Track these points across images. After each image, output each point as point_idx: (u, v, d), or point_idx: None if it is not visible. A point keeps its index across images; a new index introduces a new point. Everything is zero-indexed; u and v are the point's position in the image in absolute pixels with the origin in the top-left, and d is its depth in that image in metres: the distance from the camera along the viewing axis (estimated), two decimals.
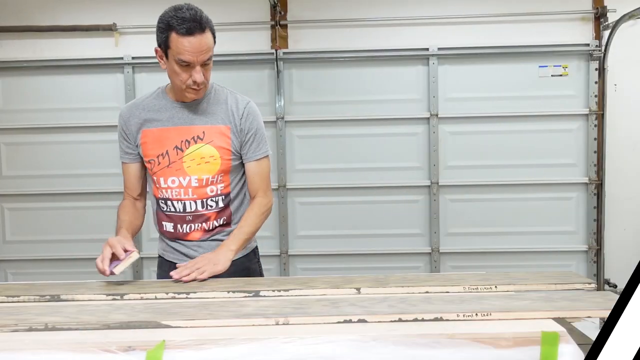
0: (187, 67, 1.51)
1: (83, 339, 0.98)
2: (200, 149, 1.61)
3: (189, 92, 1.57)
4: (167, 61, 1.54)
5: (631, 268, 0.99)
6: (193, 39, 1.47)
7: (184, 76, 1.53)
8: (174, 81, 1.58)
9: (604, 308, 1.11)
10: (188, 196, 1.63)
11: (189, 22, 1.45)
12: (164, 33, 1.49)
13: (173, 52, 1.49)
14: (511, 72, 3.81)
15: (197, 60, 1.50)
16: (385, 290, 1.31)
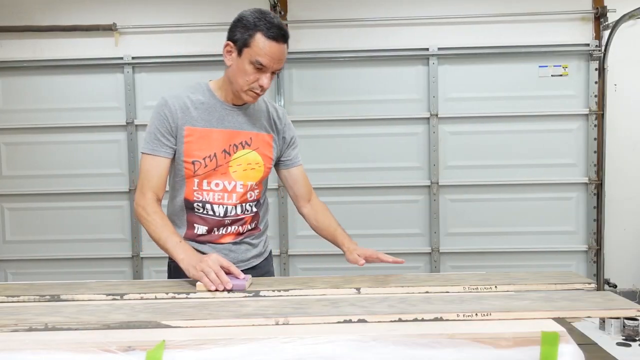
0: (259, 70, 1.49)
1: (83, 339, 0.98)
2: (247, 155, 1.61)
3: (248, 95, 1.53)
4: (239, 58, 1.49)
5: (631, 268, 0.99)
6: (277, 45, 1.49)
7: (252, 78, 1.49)
8: (237, 80, 1.51)
9: (603, 308, 1.11)
10: (231, 201, 1.61)
11: (277, 29, 1.48)
12: (247, 31, 1.47)
13: (252, 51, 1.47)
14: (511, 72, 3.81)
15: (272, 66, 1.49)
16: (385, 290, 1.31)
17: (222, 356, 0.95)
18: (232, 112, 1.59)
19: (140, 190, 1.57)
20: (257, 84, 1.50)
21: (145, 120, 3.90)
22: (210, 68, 3.86)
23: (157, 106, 1.56)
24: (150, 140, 1.56)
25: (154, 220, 1.52)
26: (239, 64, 1.50)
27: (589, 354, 1.15)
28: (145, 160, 1.57)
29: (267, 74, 1.50)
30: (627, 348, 3.08)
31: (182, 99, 1.56)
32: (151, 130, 1.56)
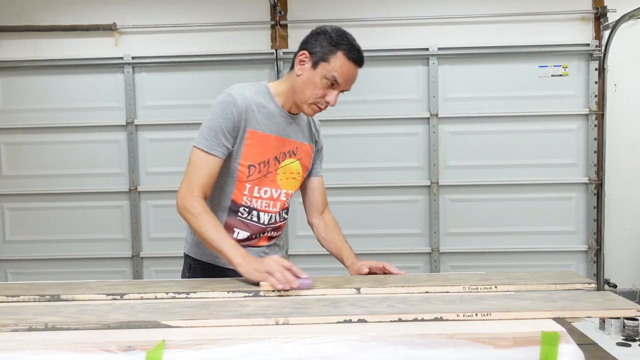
0: (330, 87, 1.49)
1: (83, 339, 0.98)
2: (292, 164, 1.62)
3: (311, 108, 1.53)
4: (312, 70, 1.49)
5: (631, 268, 0.99)
6: (354, 68, 1.49)
7: (321, 92, 1.49)
8: (304, 91, 1.50)
9: (603, 308, 1.11)
10: (276, 209, 1.62)
11: (358, 52, 1.48)
12: (329, 45, 1.46)
13: (329, 67, 1.46)
14: (511, 72, 3.81)
15: (344, 86, 1.50)
16: (385, 290, 1.30)
17: (222, 356, 0.95)
18: (287, 120, 1.59)
19: (188, 186, 1.47)
20: (323, 99, 1.50)
21: (146, 120, 3.90)
22: (210, 68, 3.87)
23: (224, 102, 1.49)
24: (210, 136, 1.48)
25: (205, 219, 1.44)
26: (310, 76, 1.49)
27: (589, 354, 1.15)
28: (198, 156, 1.48)
29: (335, 92, 1.50)
30: (627, 348, 3.08)
31: (248, 100, 1.52)
32: (213, 127, 1.48)
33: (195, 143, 1.49)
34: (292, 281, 1.29)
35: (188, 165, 1.50)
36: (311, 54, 1.49)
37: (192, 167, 1.49)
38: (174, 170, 3.92)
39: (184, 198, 1.47)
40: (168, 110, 3.91)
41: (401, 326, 1.03)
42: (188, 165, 1.50)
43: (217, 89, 4.01)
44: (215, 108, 1.50)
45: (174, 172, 3.92)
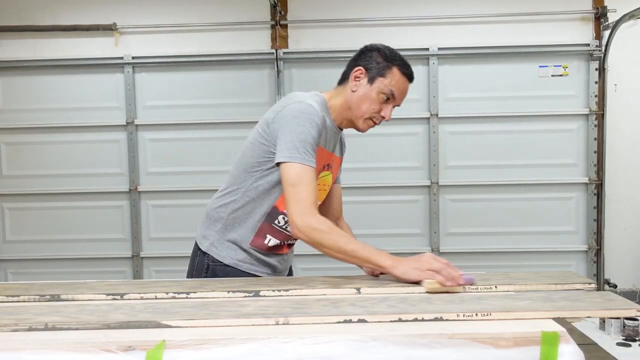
0: (385, 101, 1.54)
1: (83, 339, 0.98)
2: (326, 177, 1.65)
3: (366, 123, 1.58)
4: (369, 86, 1.53)
5: (631, 268, 0.99)
6: (407, 84, 1.56)
7: (377, 107, 1.54)
8: (361, 106, 1.54)
9: (603, 308, 1.11)
10: None
11: (410, 70, 1.55)
12: (385, 61, 1.52)
13: (386, 82, 1.52)
14: (511, 72, 3.81)
15: (398, 100, 1.56)
16: (385, 290, 1.30)
17: (222, 356, 0.95)
18: (335, 135, 1.63)
19: (302, 207, 1.38)
20: (379, 114, 1.55)
21: (146, 120, 3.90)
22: (210, 68, 3.87)
23: (307, 112, 1.44)
24: (303, 149, 1.41)
25: (338, 233, 1.39)
26: (367, 92, 1.53)
27: (589, 354, 1.15)
28: (298, 170, 1.40)
29: (390, 106, 1.55)
30: (627, 348, 3.08)
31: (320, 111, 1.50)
32: (304, 138, 1.42)
33: (289, 158, 1.41)
34: (458, 277, 1.27)
35: (289, 183, 1.40)
36: (367, 69, 1.53)
37: (297, 185, 1.39)
38: (174, 170, 3.92)
39: (305, 220, 1.38)
40: (168, 110, 3.91)
41: (401, 326, 1.03)
42: (289, 184, 1.40)
43: (217, 89, 4.04)
44: (298, 119, 1.43)
45: (174, 172, 3.92)
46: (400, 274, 1.33)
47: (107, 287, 1.37)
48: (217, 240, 1.61)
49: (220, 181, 1.76)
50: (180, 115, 3.89)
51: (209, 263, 1.62)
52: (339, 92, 1.58)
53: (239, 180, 1.57)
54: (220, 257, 1.60)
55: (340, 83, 1.60)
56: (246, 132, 1.60)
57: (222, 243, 1.60)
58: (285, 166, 1.42)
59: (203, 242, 1.64)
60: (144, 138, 3.93)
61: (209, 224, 1.64)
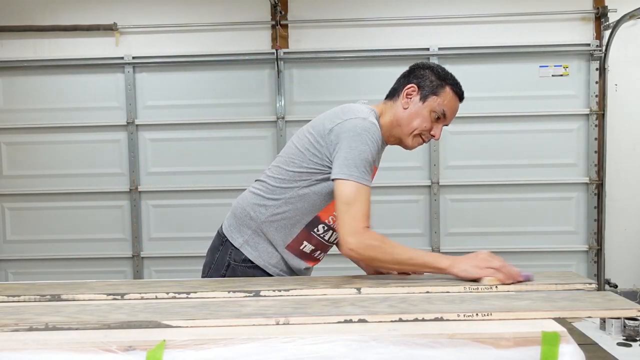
0: (437, 120, 1.54)
1: (83, 339, 0.98)
2: None
3: (415, 140, 1.58)
4: (421, 104, 1.52)
5: (632, 268, 0.99)
6: (458, 104, 1.56)
7: (428, 125, 1.54)
8: (411, 123, 1.53)
9: (604, 308, 1.11)
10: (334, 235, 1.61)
11: (461, 90, 1.55)
12: (439, 81, 1.51)
13: (439, 101, 1.51)
14: (512, 72, 3.81)
15: (449, 120, 1.56)
16: (385, 290, 1.30)
17: (223, 356, 0.95)
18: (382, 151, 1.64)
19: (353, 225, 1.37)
20: (429, 132, 1.55)
21: (146, 120, 3.91)
22: (210, 68, 3.87)
23: (372, 132, 1.43)
24: (364, 168, 1.40)
25: (390, 244, 1.38)
26: (419, 109, 1.53)
27: (590, 354, 1.15)
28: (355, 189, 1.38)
29: (441, 126, 1.56)
30: (628, 348, 3.08)
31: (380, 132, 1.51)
32: (364, 157, 1.40)
33: (349, 176, 1.39)
34: (517, 275, 1.34)
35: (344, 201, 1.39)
36: (420, 87, 1.52)
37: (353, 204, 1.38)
38: (174, 170, 3.92)
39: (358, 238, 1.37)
40: (168, 110, 3.91)
41: (402, 326, 1.03)
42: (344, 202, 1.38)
43: (217, 89, 4.03)
44: (362, 137, 1.41)
45: (175, 172, 3.92)
46: (460, 271, 1.35)
47: (107, 287, 1.38)
48: (252, 238, 1.57)
49: (220, 181, 1.76)
50: (180, 115, 3.89)
51: (230, 261, 1.58)
52: (389, 108, 1.57)
53: (283, 184, 1.54)
54: (253, 256, 1.56)
55: (388, 98, 1.59)
56: (247, 132, 1.60)
57: (258, 243, 1.57)
58: (343, 183, 1.39)
59: (236, 237, 1.59)
60: (145, 138, 3.93)
61: (244, 221, 1.58)
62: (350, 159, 1.39)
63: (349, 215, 1.37)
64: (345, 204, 1.38)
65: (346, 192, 1.38)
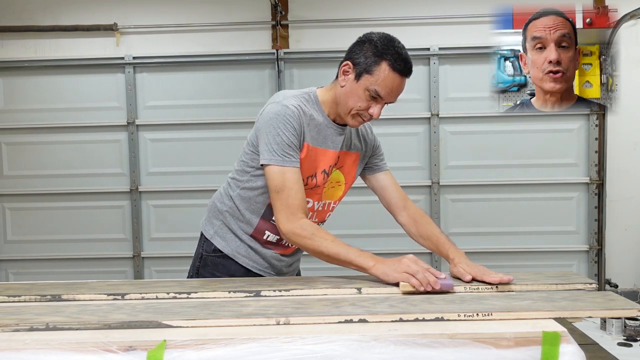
0: (373, 99, 1.42)
1: (84, 339, 0.98)
2: (334, 174, 1.58)
3: (354, 120, 1.48)
4: (355, 82, 1.42)
5: (632, 268, 0.99)
6: (399, 79, 1.42)
7: (364, 105, 1.43)
8: (347, 103, 1.45)
9: (604, 308, 1.11)
10: (312, 219, 1.58)
11: (404, 62, 1.41)
12: (374, 56, 1.39)
13: (372, 80, 1.40)
14: None
15: (388, 99, 1.44)
16: (386, 290, 1.30)
17: (223, 356, 0.95)
18: (336, 132, 1.53)
19: (287, 211, 1.40)
20: (367, 112, 1.44)
21: (147, 120, 3.91)
22: (211, 68, 3.87)
23: (282, 114, 1.42)
24: (281, 151, 1.41)
25: (321, 238, 1.39)
26: (354, 88, 1.43)
27: (590, 354, 1.15)
28: (278, 175, 1.41)
29: (379, 105, 1.44)
30: (629, 348, 3.08)
31: (302, 110, 1.46)
32: (280, 140, 1.41)
33: (268, 161, 1.42)
34: (434, 282, 1.25)
35: (273, 189, 1.42)
36: (355, 64, 1.43)
37: (281, 191, 1.40)
38: (175, 170, 3.92)
39: (290, 226, 1.40)
40: (169, 110, 3.91)
41: (402, 326, 1.03)
42: (273, 190, 1.42)
43: (218, 89, 4.03)
44: (272, 121, 1.42)
45: (175, 172, 3.92)
46: (379, 274, 1.34)
47: (108, 287, 1.38)
48: (220, 229, 1.62)
49: (221, 181, 1.76)
50: (181, 115, 3.89)
51: (202, 252, 1.64)
52: (332, 87, 1.51)
53: (237, 175, 1.59)
54: (222, 246, 1.60)
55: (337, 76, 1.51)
56: (247, 132, 1.60)
57: (226, 233, 1.60)
58: (267, 169, 1.43)
59: (208, 229, 1.64)
60: (145, 138, 3.93)
61: (214, 213, 1.64)
62: (268, 144, 1.42)
63: (280, 202, 1.41)
64: (275, 191, 1.42)
65: (272, 178, 1.42)
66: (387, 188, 1.67)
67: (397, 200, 1.66)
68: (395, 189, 1.67)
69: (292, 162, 1.41)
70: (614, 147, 3.81)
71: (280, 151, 1.41)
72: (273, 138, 1.41)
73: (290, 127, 1.42)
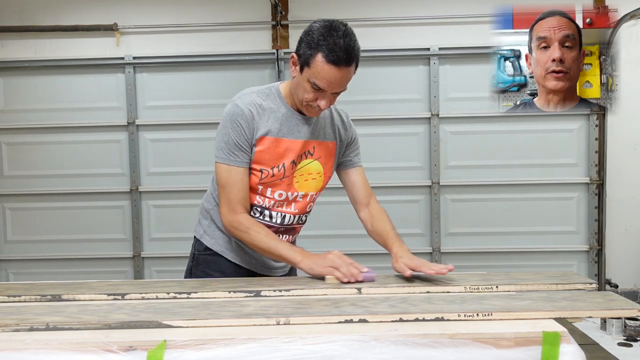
0: (317, 91, 1.42)
1: (84, 339, 0.98)
2: (310, 165, 1.58)
3: (309, 111, 1.49)
4: (300, 74, 1.44)
5: (632, 268, 0.99)
6: (336, 70, 1.37)
7: (310, 96, 1.44)
8: (297, 95, 1.48)
9: (605, 308, 1.11)
10: (290, 209, 1.59)
11: (340, 52, 1.35)
12: (309, 49, 1.38)
13: (310, 72, 1.40)
14: None
15: (331, 89, 1.42)
16: (386, 290, 1.31)
17: (223, 356, 0.95)
18: (301, 122, 1.54)
19: (228, 206, 1.50)
20: (315, 103, 1.45)
21: (147, 120, 3.91)
22: (211, 68, 3.87)
23: (231, 114, 1.48)
24: (227, 150, 1.48)
25: (255, 232, 1.48)
26: (299, 80, 1.45)
27: (590, 354, 1.15)
28: (224, 172, 1.49)
29: (325, 95, 1.43)
30: (629, 348, 3.08)
31: (255, 106, 1.49)
32: (227, 140, 1.48)
33: (217, 158, 1.51)
34: (357, 275, 1.35)
35: (219, 184, 1.52)
36: (298, 56, 1.43)
37: (224, 184, 1.50)
38: (175, 171, 3.92)
39: (229, 219, 1.51)
40: (169, 111, 3.91)
41: (402, 326, 1.03)
42: (219, 185, 1.52)
43: (218, 89, 4.03)
44: (224, 121, 1.50)
45: (175, 172, 3.92)
46: (306, 268, 1.43)
47: (108, 287, 1.38)
48: (209, 228, 1.66)
49: None
50: (181, 115, 3.89)
51: (194, 252, 1.69)
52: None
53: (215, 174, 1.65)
54: (210, 243, 1.64)
55: None
56: None
57: (214, 231, 1.64)
58: (216, 166, 1.52)
59: (198, 229, 1.69)
60: (145, 138, 3.93)
61: (202, 212, 1.70)
62: (218, 142, 1.51)
63: (223, 197, 1.51)
64: (221, 187, 1.52)
65: (219, 174, 1.51)
66: (355, 185, 1.69)
67: (362, 198, 1.69)
68: (363, 186, 1.69)
69: (237, 162, 1.49)
70: (614, 147, 3.81)
71: (227, 150, 1.48)
72: (222, 137, 1.49)
73: (238, 127, 1.47)
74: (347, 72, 1.40)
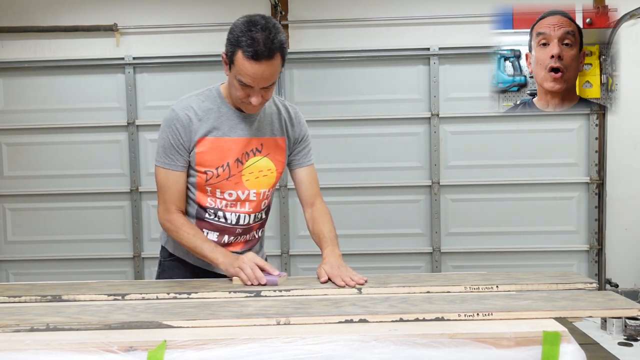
0: (246, 87, 1.41)
1: (84, 339, 0.98)
2: (259, 162, 1.57)
3: (245, 107, 1.49)
4: (230, 72, 1.44)
5: (633, 268, 0.99)
6: (257, 65, 1.35)
7: (242, 94, 1.43)
8: (231, 93, 1.48)
9: (605, 308, 1.11)
10: (244, 209, 1.58)
11: (258, 46, 1.33)
12: (231, 47, 1.38)
13: (235, 70, 1.39)
14: None
15: (257, 85, 1.40)
16: (386, 290, 1.31)
17: (224, 356, 0.95)
18: (242, 119, 1.53)
19: (163, 205, 1.56)
20: (247, 99, 1.43)
21: (147, 120, 3.91)
22: (211, 68, 3.86)
23: (168, 119, 1.53)
24: (164, 154, 1.52)
25: (184, 231, 1.53)
26: (230, 78, 1.45)
27: (591, 353, 1.15)
28: (161, 174, 1.54)
29: (255, 90, 1.41)
30: (629, 348, 3.08)
31: (192, 109, 1.51)
32: (164, 144, 1.52)
33: (155, 162, 1.56)
34: (260, 278, 1.38)
35: (157, 186, 1.57)
36: (226, 55, 1.42)
37: (161, 188, 1.56)
38: None
39: (163, 217, 1.56)
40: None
41: (402, 326, 1.03)
42: (157, 187, 1.57)
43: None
44: (162, 126, 1.55)
45: None
46: (223, 269, 1.47)
47: (108, 288, 1.38)
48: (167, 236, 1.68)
49: None
50: None
51: (160, 259, 1.71)
52: None
53: None
54: (172, 249, 1.66)
55: None
56: None
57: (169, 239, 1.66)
58: (155, 169, 1.57)
59: (163, 237, 1.70)
60: (145, 138, 3.93)
61: None
62: (158, 147, 1.56)
63: (160, 197, 1.57)
64: (158, 188, 1.57)
65: (157, 176, 1.56)
66: (302, 184, 1.68)
67: (307, 198, 1.68)
68: (309, 186, 1.68)
69: (172, 165, 1.53)
70: (614, 146, 3.81)
71: (164, 154, 1.53)
72: (160, 142, 1.54)
73: (174, 132, 1.51)
74: (270, 66, 1.37)
